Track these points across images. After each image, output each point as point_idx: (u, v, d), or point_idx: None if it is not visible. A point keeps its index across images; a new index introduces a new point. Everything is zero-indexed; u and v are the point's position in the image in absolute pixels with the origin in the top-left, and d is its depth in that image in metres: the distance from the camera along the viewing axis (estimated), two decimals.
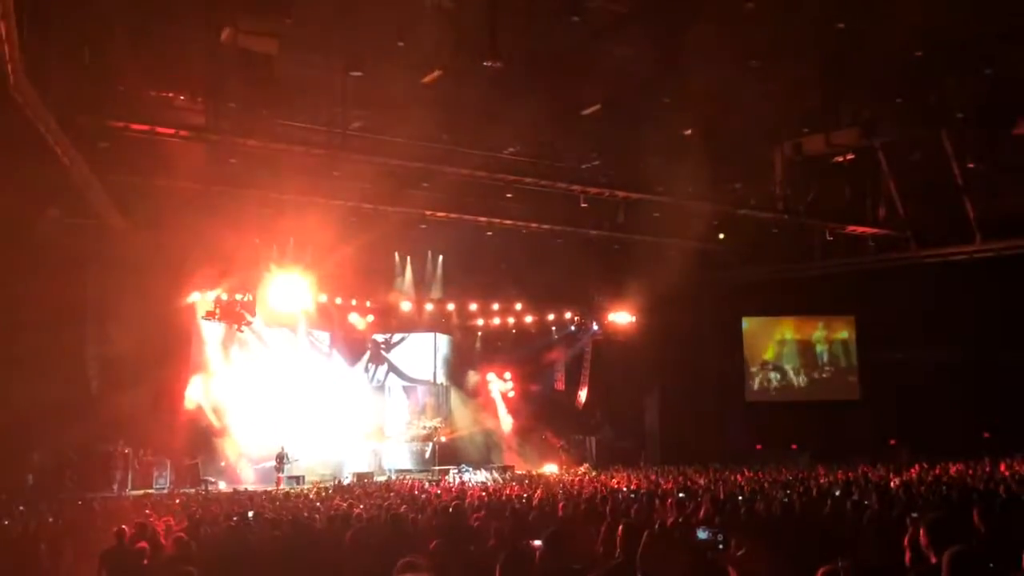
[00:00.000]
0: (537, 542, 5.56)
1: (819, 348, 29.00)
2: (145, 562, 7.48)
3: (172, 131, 15.65)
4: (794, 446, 25.55)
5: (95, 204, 17.34)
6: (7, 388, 17.94)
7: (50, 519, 12.26)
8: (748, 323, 29.09)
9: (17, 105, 11.99)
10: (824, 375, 28.90)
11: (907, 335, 25.08)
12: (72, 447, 20.20)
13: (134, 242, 19.06)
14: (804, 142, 17.68)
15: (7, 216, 16.16)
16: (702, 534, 6.07)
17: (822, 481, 14.94)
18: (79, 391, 19.93)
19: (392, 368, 26.62)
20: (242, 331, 22.22)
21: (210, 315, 21.41)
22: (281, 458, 21.74)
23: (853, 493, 11.40)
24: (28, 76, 11.73)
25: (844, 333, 28.83)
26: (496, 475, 22.56)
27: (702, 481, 16.18)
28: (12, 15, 10.30)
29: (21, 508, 13.45)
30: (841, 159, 19.17)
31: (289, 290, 22.77)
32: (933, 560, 4.30)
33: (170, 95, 15.87)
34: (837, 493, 11.48)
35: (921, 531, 4.57)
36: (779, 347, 29.13)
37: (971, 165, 19.19)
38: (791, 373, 28.95)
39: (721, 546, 5.77)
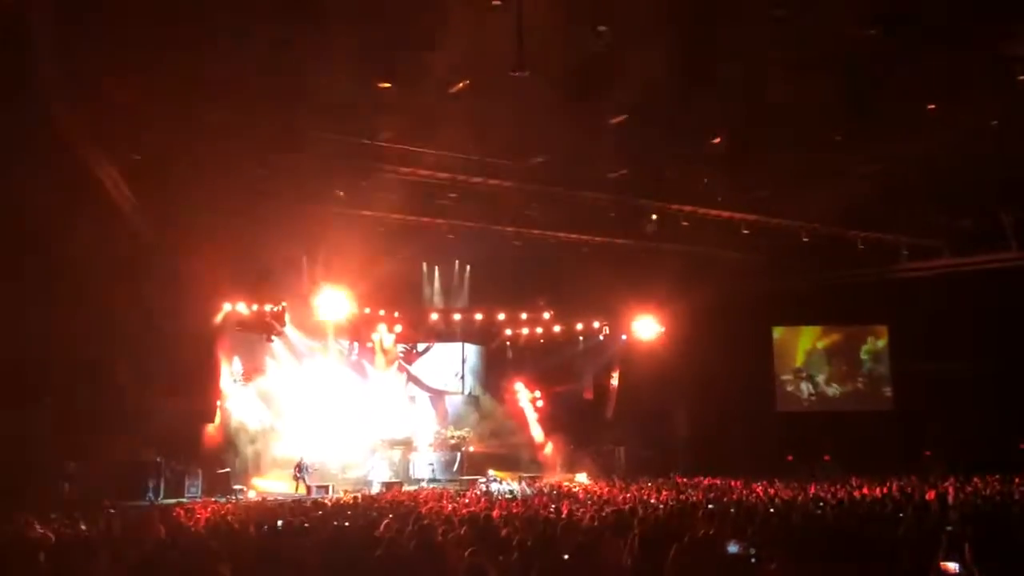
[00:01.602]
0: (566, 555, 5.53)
1: (851, 358, 28.61)
2: (176, 569, 7.53)
3: (203, 143, 15.85)
4: (826, 457, 25.21)
5: (128, 216, 17.59)
6: (44, 398, 18.23)
7: (83, 527, 12.39)
8: (778, 332, 28.81)
9: (52, 121, 12.22)
10: (856, 385, 28.52)
11: (942, 345, 24.68)
12: (107, 456, 20.44)
13: (167, 254, 19.30)
14: None
15: (43, 230, 16.48)
16: (732, 548, 5.99)
17: (855, 494, 14.72)
18: (113, 401, 20.18)
19: (413, 379, 26.63)
20: (272, 341, 22.39)
21: (241, 326, 21.59)
22: (300, 467, 21.87)
23: (887, 505, 11.24)
24: (63, 93, 11.96)
25: (877, 342, 28.45)
26: (524, 485, 22.48)
27: (734, 494, 16.02)
28: (48, 30, 10.49)
29: (54, 516, 13.59)
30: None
31: (318, 301, 22.99)
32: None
33: (201, 108, 16.03)
34: (871, 505, 11.31)
35: (966, 546, 4.48)
36: (810, 356, 28.81)
37: None
38: (822, 383, 28.61)
39: (753, 560, 5.68)
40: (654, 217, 22.00)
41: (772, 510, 11.47)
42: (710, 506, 12.66)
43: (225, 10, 13.29)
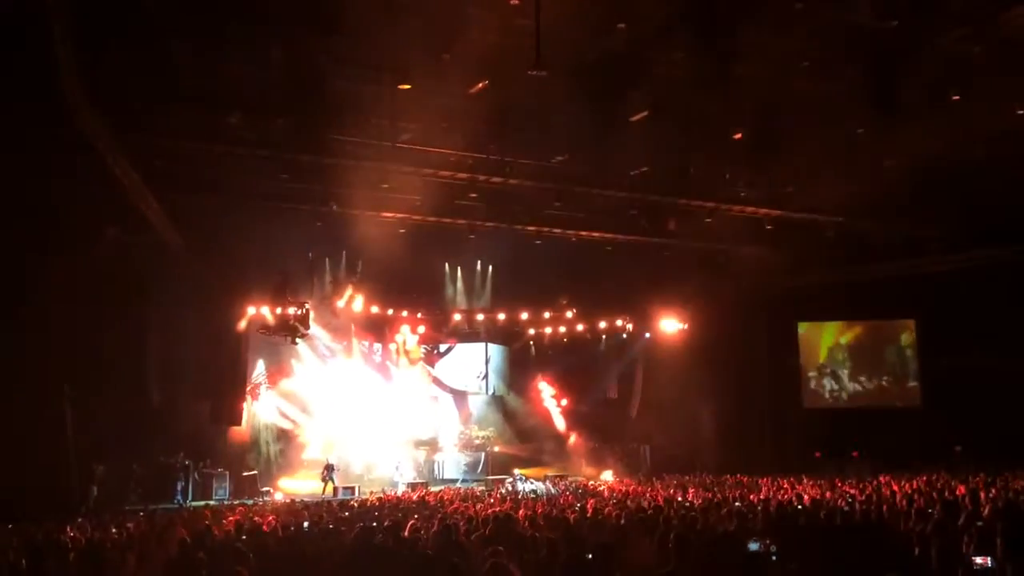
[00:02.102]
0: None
1: (878, 353, 28.30)
2: (204, 572, 7.59)
3: (225, 148, 15.98)
4: (855, 454, 24.96)
5: (153, 222, 17.78)
6: (72, 403, 18.44)
7: (113, 530, 12.52)
8: (804, 328, 28.56)
9: (77, 128, 12.36)
10: (884, 381, 28.20)
11: (971, 339, 24.33)
12: (135, 459, 20.67)
13: (191, 258, 19.50)
14: None
15: (69, 235, 16.68)
16: (753, 545, 5.94)
17: (885, 492, 14.56)
18: (141, 405, 20.40)
19: (436, 380, 26.66)
20: (296, 343, 22.54)
21: (266, 329, 21.74)
22: (328, 469, 22.02)
23: (916, 501, 11.11)
24: (87, 100, 12.10)
25: (905, 337, 28.12)
26: (549, 485, 22.46)
27: (763, 491, 15.91)
28: (69, 41, 10.62)
29: (80, 520, 13.76)
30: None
31: (341, 303, 23.14)
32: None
33: (223, 113, 16.18)
34: (899, 501, 11.19)
35: (999, 541, 4.42)
36: (837, 352, 28.53)
37: None
38: (850, 379, 28.33)
39: (774, 558, 5.64)
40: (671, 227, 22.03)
41: (800, 507, 11.39)
42: (736, 504, 12.59)
43: (245, 16, 13.39)
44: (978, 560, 5.27)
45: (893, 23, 13.98)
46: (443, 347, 26.77)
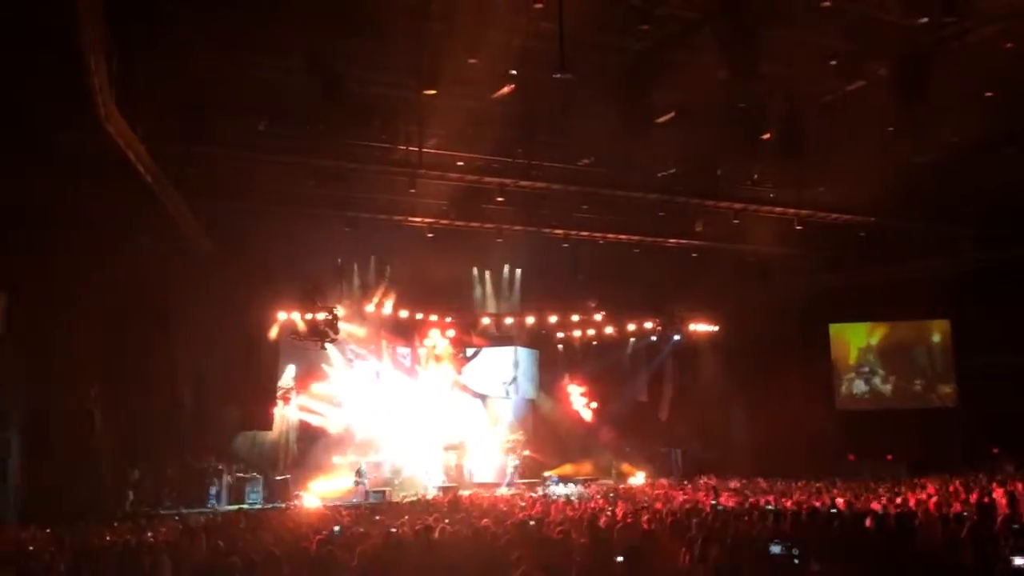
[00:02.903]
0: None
1: (913, 353, 27.91)
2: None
3: (254, 155, 16.16)
4: (889, 456, 24.64)
5: (184, 228, 18.01)
6: (106, 409, 18.73)
7: (149, 534, 12.69)
8: (836, 329, 28.24)
9: (108, 135, 12.55)
10: (919, 381, 27.80)
11: (1007, 339, 23.92)
12: (169, 464, 20.93)
13: (221, 264, 19.72)
14: None
15: (101, 242, 16.96)
16: (775, 548, 5.88)
17: (919, 495, 14.36)
18: (174, 410, 20.66)
19: (464, 385, 26.68)
20: (326, 348, 22.71)
21: (296, 334, 21.92)
22: (359, 473, 22.14)
23: (951, 504, 10.96)
24: (118, 107, 12.29)
25: (939, 337, 27.72)
26: (581, 488, 22.42)
27: (795, 495, 15.77)
28: (101, 49, 10.78)
29: (116, 524, 13.95)
30: None
31: (370, 307, 23.29)
32: None
33: (251, 120, 16.37)
34: (933, 504, 11.04)
35: None
36: (870, 353, 28.18)
37: None
38: (884, 380, 27.96)
39: (797, 561, 5.57)
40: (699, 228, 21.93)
41: (834, 510, 11.28)
42: (769, 507, 12.50)
43: (272, 23, 13.53)
44: (1018, 561, 5.17)
45: (923, 20, 13.82)
46: (470, 351, 26.78)
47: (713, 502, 14.47)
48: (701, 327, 26.39)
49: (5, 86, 12.37)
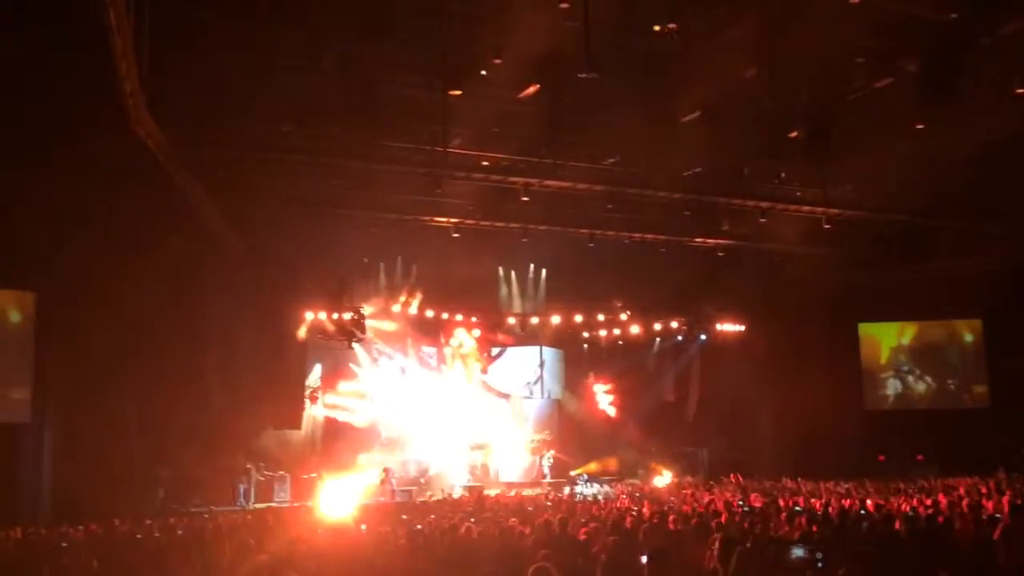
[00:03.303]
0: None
1: (945, 353, 27.55)
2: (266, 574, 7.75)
3: (281, 156, 16.31)
4: (920, 457, 24.35)
5: (213, 230, 18.20)
6: (138, 408, 18.98)
7: (179, 532, 12.84)
8: (865, 329, 27.95)
9: (139, 138, 12.73)
10: (950, 382, 27.44)
11: None
12: (198, 463, 21.15)
13: (250, 265, 19.91)
14: None
15: (132, 243, 17.20)
16: (798, 551, 5.81)
17: (951, 496, 14.17)
18: (203, 409, 20.88)
19: (490, 385, 26.71)
20: (352, 348, 22.86)
21: (323, 333, 22.07)
22: (388, 472, 22.25)
23: (983, 506, 10.81)
24: (148, 110, 12.46)
25: (971, 337, 27.34)
26: (607, 487, 22.39)
27: (823, 496, 15.63)
28: (132, 54, 10.94)
29: (149, 522, 14.12)
30: None
31: (397, 307, 23.40)
32: None
33: (278, 122, 16.53)
34: (965, 506, 10.89)
35: None
36: (899, 353, 27.86)
37: None
38: (914, 380, 27.63)
39: (820, 565, 5.50)
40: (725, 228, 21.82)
41: (863, 512, 11.17)
42: (796, 508, 12.40)
43: (298, 26, 13.65)
44: None
45: (953, 15, 13.67)
46: (496, 350, 26.80)
47: (740, 502, 14.36)
48: (728, 327, 26.22)
49: (38, 90, 12.61)
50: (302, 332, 21.98)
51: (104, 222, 16.38)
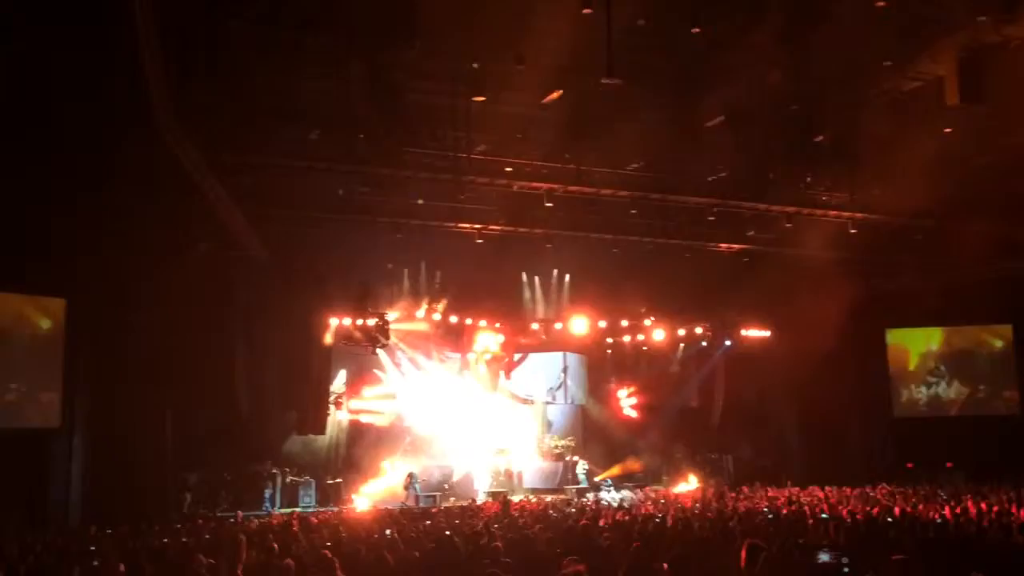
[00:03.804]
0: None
1: (972, 359, 27.19)
2: None
3: (307, 163, 16.44)
4: (949, 464, 24.04)
5: (239, 236, 18.37)
6: (167, 414, 19.18)
7: (207, 536, 12.94)
8: (893, 335, 27.65)
9: (167, 146, 12.89)
10: (980, 388, 27.07)
11: None
12: (225, 468, 21.33)
13: (275, 271, 20.07)
14: None
15: (161, 250, 17.40)
16: (823, 556, 5.76)
17: (981, 505, 13.99)
18: (230, 414, 21.07)
19: (512, 391, 26.68)
20: (376, 353, 22.98)
21: (348, 339, 22.19)
22: (411, 477, 22.31)
23: (1014, 513, 10.66)
24: (177, 120, 12.61)
25: (1001, 343, 26.97)
26: (631, 493, 22.30)
27: (851, 503, 15.49)
28: (160, 61, 11.09)
29: (177, 526, 14.25)
30: None
31: (421, 312, 23.48)
32: None
33: (304, 129, 16.66)
34: (995, 513, 10.75)
35: None
36: (928, 359, 27.53)
37: None
38: (943, 387, 27.28)
39: (846, 570, 5.45)
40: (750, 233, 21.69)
41: (890, 520, 11.06)
42: (823, 516, 12.31)
43: (323, 33, 13.76)
44: None
45: (981, 18, 13.52)
46: (519, 356, 26.77)
47: (765, 509, 14.27)
48: (753, 332, 26.05)
49: (67, 97, 12.79)
50: (327, 338, 22.10)
51: (132, 228, 16.57)
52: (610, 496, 22.23)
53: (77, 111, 12.96)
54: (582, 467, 25.05)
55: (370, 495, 22.61)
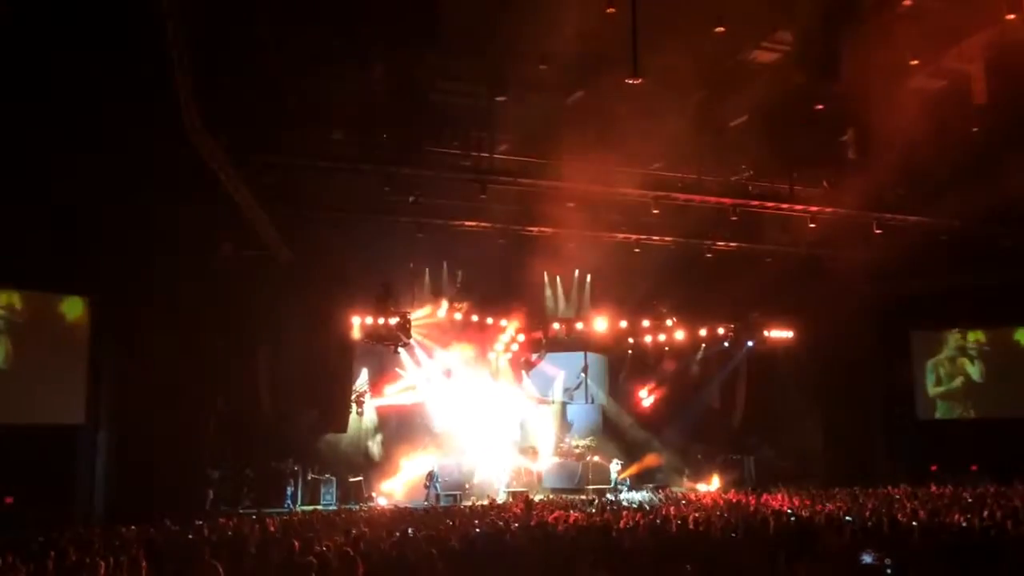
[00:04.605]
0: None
1: (999, 361, 26.84)
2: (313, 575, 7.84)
3: (330, 164, 16.53)
4: (974, 467, 23.76)
5: (263, 236, 18.49)
6: (191, 411, 19.34)
7: (229, 533, 13.04)
8: (917, 337, 27.38)
9: (193, 147, 13.01)
10: (1007, 390, 26.73)
11: None
12: (248, 465, 21.47)
13: (299, 271, 20.19)
14: None
15: (186, 249, 17.56)
16: (867, 558, 5.73)
17: (1007, 507, 13.82)
18: (253, 412, 21.21)
19: (532, 390, 26.65)
20: (398, 352, 23.06)
21: (370, 338, 22.29)
22: (431, 476, 22.37)
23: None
24: (203, 122, 12.73)
25: None
26: (651, 494, 22.22)
27: (871, 503, 15.35)
28: (187, 63, 11.20)
29: (199, 523, 14.35)
30: None
31: (442, 311, 23.55)
32: None
33: (328, 130, 16.76)
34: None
35: None
36: (953, 361, 27.22)
37: None
38: (968, 389, 26.97)
39: (889, 572, 5.42)
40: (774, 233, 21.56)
41: (915, 523, 10.95)
42: (847, 518, 12.20)
43: (347, 35, 13.83)
44: None
45: (1010, 16, 13.36)
46: (539, 355, 26.74)
47: (789, 510, 14.17)
48: (776, 333, 25.89)
49: (95, 98, 12.93)
50: (350, 337, 22.20)
51: (158, 228, 16.74)
52: (629, 496, 22.17)
53: (104, 112, 13.11)
54: (615, 466, 24.96)
55: (391, 493, 22.69)
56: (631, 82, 12.07)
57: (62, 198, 15.39)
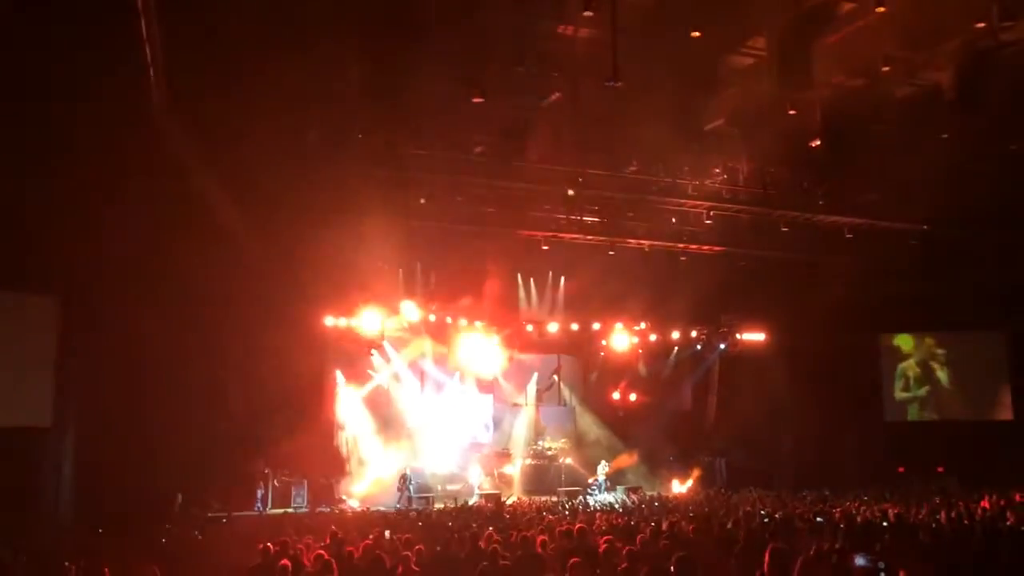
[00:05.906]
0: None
1: (966, 365, 27.24)
2: None
3: (304, 162, 16.39)
4: (940, 469, 24.09)
5: (235, 235, 18.27)
6: (159, 414, 19.07)
7: (198, 535, 12.89)
8: (886, 340, 27.71)
9: (165, 145, 12.85)
10: (973, 393, 27.13)
11: None
12: (218, 468, 21.19)
13: (272, 271, 19.97)
14: None
15: (156, 249, 17.30)
16: (860, 561, 5.76)
17: (973, 508, 14.00)
18: (223, 414, 20.95)
19: (505, 392, 26.60)
20: (372, 354, 22.90)
21: (342, 339, 22.12)
22: (404, 479, 22.23)
23: (1008, 518, 10.69)
24: (174, 117, 12.57)
25: (994, 349, 27.03)
26: (624, 496, 22.27)
27: (841, 507, 15.48)
28: (160, 60, 11.05)
29: (168, 527, 14.16)
30: None
31: (414, 313, 23.41)
32: None
33: (302, 128, 16.60)
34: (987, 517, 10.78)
35: None
36: (922, 365, 27.59)
37: None
38: (936, 392, 27.34)
39: (881, 574, 5.45)
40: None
41: (885, 524, 11.06)
42: (818, 519, 12.31)
43: (323, 31, 13.72)
44: None
45: (980, 24, 13.56)
46: (510, 357, 26.64)
47: (762, 512, 14.25)
48: (748, 336, 26.07)
49: (63, 94, 12.72)
50: (322, 338, 22.01)
51: (127, 227, 16.47)
52: (602, 498, 22.20)
53: (73, 109, 12.89)
54: (603, 468, 24.93)
55: (362, 496, 22.54)
56: (610, 85, 12.08)
57: (29, 198, 15.10)
